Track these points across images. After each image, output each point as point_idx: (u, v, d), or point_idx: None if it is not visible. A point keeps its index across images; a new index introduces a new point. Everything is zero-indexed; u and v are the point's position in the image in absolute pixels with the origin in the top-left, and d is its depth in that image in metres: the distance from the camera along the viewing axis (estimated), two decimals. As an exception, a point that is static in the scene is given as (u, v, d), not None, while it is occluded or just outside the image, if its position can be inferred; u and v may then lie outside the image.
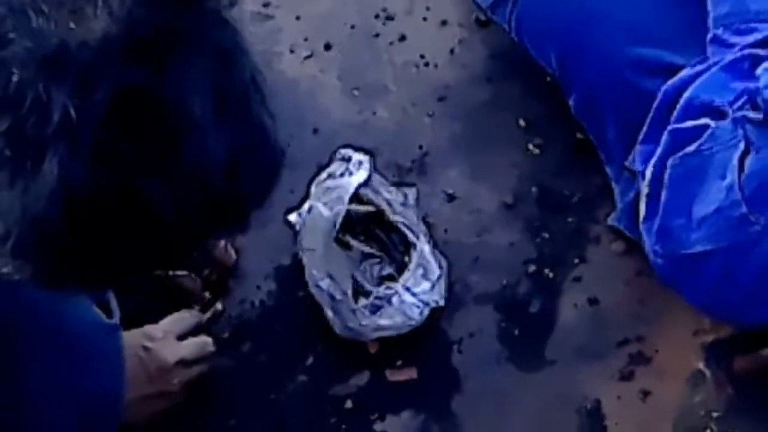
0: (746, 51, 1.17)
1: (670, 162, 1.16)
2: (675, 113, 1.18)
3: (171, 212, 0.55)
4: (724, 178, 1.11)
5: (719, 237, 1.13)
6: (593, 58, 1.28)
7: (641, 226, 1.21)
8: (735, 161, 1.10)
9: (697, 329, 1.28)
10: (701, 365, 1.27)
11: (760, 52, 1.15)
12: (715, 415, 1.25)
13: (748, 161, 1.09)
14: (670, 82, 1.20)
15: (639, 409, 1.26)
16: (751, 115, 1.09)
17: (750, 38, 1.18)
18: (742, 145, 1.10)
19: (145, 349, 1.15)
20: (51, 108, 0.50)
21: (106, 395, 1.07)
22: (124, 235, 0.58)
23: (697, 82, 1.17)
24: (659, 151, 1.17)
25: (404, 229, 1.27)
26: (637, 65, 1.22)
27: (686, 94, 1.17)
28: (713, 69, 1.16)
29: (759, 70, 1.13)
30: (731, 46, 1.18)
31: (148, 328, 1.17)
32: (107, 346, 1.07)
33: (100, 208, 0.53)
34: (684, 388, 1.27)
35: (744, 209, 1.08)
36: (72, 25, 0.51)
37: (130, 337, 1.14)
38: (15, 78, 0.50)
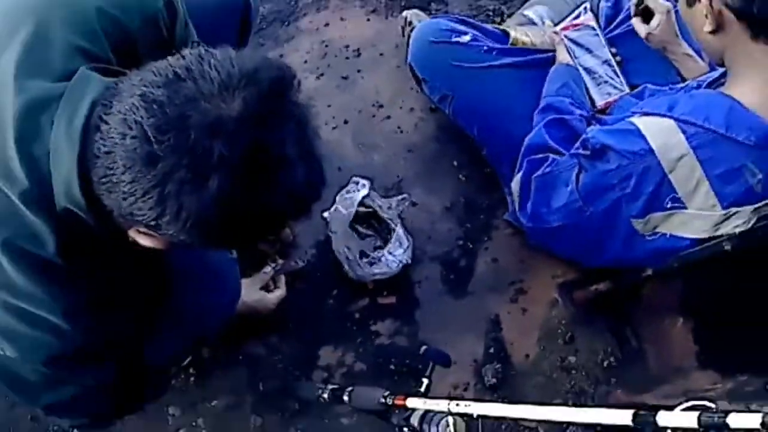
0: (557, 116, 1.53)
1: (534, 177, 1.47)
2: (523, 150, 1.54)
3: (283, 207, 0.77)
4: (567, 186, 1.42)
5: (567, 218, 1.45)
6: (497, 134, 1.67)
7: (518, 213, 1.54)
8: (573, 177, 1.40)
9: (553, 275, 1.71)
10: (556, 295, 1.72)
11: (568, 116, 1.52)
12: (564, 322, 1.71)
13: (581, 177, 1.41)
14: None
15: (520, 319, 1.71)
16: (583, 152, 1.40)
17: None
18: (576, 168, 1.41)
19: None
20: (212, 152, 0.68)
21: (231, 296, 1.41)
22: (255, 220, 0.77)
23: (531, 134, 1.54)
24: (521, 174, 1.52)
25: (389, 221, 1.65)
26: (522, 138, 1.58)
27: (527, 141, 1.53)
28: (539, 123, 1.55)
29: (589, 129, 1.45)
30: (548, 109, 1.54)
31: (248, 281, 1.49)
32: (231, 271, 1.38)
33: (238, 203, 0.72)
34: (547, 308, 1.72)
35: (580, 203, 1.41)
36: (222, 105, 0.69)
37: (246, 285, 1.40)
38: (192, 136, 0.67)
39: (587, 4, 1.73)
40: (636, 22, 1.56)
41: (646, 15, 1.58)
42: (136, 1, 0.96)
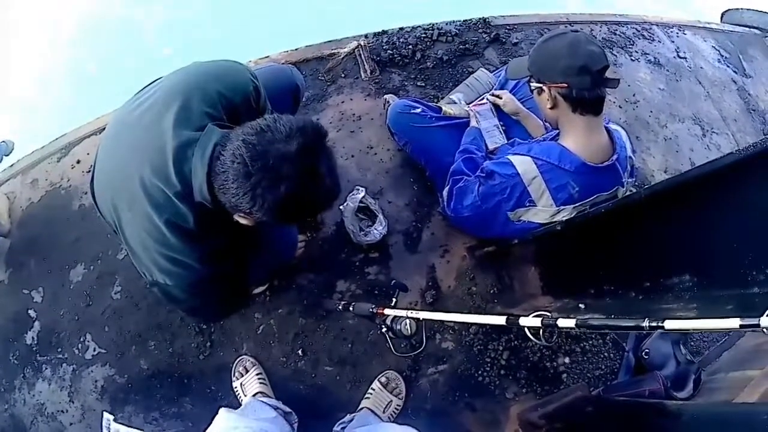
0: (468, 155, 1.64)
1: (455, 188, 1.58)
2: (449, 173, 1.65)
3: (319, 202, 0.88)
4: (473, 193, 1.53)
5: (471, 211, 1.55)
6: (435, 164, 1.78)
7: (445, 207, 1.72)
8: (476, 188, 1.52)
9: (464, 242, 1.85)
10: (465, 253, 1.85)
11: (474, 155, 1.67)
12: (469, 268, 1.82)
13: (480, 188, 1.49)
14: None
15: (446, 266, 1.82)
16: (481, 174, 1.50)
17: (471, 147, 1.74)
18: (478, 183, 1.51)
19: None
20: (282, 171, 0.79)
21: (291, 248, 1.59)
22: (303, 209, 0.87)
23: (453, 165, 1.66)
24: (448, 186, 1.66)
25: (375, 211, 1.83)
26: (449, 166, 1.63)
27: (451, 168, 1.65)
28: (458, 159, 1.68)
29: (485, 162, 1.50)
30: (463, 151, 1.72)
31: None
32: (293, 233, 1.58)
33: (294, 200, 0.83)
34: (460, 260, 1.84)
35: (479, 202, 1.51)
36: (287, 146, 0.79)
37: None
38: (271, 162, 0.78)
39: (487, 93, 1.90)
40: (493, 100, 1.78)
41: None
42: (239, 87, 1.02)
